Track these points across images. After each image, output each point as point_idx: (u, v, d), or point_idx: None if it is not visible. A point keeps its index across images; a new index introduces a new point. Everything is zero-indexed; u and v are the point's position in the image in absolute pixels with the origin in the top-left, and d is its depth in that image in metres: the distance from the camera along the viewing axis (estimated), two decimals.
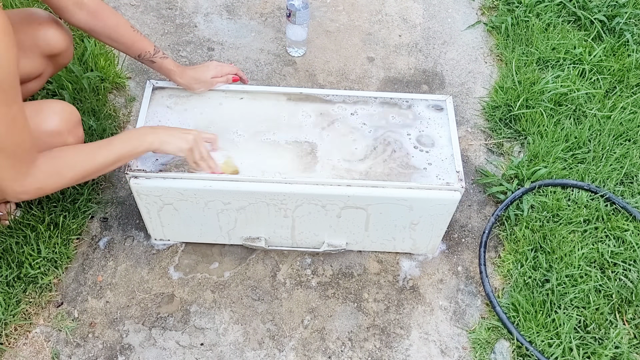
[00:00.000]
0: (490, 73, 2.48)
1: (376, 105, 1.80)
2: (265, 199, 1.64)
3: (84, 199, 1.90)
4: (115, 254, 1.87)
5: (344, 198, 1.63)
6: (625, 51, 2.47)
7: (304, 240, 1.84)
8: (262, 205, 1.67)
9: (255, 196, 1.63)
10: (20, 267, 1.73)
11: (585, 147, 2.15)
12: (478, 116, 2.33)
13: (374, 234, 1.80)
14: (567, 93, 2.28)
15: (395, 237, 1.82)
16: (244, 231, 1.80)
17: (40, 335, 1.69)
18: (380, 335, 1.76)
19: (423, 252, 1.91)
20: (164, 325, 1.74)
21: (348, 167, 1.65)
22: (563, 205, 1.98)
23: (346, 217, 1.72)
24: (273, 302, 1.81)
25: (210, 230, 1.80)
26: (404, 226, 1.76)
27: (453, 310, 1.82)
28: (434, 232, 1.80)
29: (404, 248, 1.89)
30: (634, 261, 1.86)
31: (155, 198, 1.65)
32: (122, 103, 2.24)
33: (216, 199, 1.64)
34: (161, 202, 1.66)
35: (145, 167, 1.61)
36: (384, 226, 1.76)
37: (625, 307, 1.78)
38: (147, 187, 1.61)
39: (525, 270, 1.84)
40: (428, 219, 1.72)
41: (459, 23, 2.68)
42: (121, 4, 2.59)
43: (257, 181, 1.61)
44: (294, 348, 1.72)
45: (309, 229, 1.78)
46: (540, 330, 1.72)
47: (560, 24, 2.57)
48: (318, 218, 1.72)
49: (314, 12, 2.65)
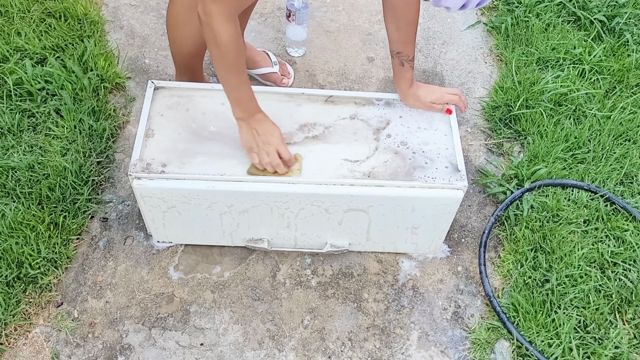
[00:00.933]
0: (490, 73, 2.48)
1: (381, 105, 1.80)
2: (269, 200, 1.64)
3: (84, 199, 1.90)
4: (115, 254, 1.87)
5: (347, 198, 1.63)
6: (625, 51, 2.47)
7: (307, 242, 1.84)
8: (265, 207, 1.67)
9: (259, 197, 1.63)
10: (20, 267, 1.73)
11: (585, 147, 2.15)
12: (478, 116, 2.33)
13: (376, 235, 1.80)
14: (567, 93, 2.28)
15: (398, 239, 1.82)
16: (246, 233, 1.79)
17: (40, 335, 1.69)
18: (380, 335, 1.76)
19: (425, 253, 1.91)
20: (164, 326, 1.74)
21: (351, 167, 1.65)
22: (563, 205, 1.98)
23: (349, 219, 1.72)
24: (273, 302, 1.81)
25: (213, 232, 1.80)
26: (406, 227, 1.76)
27: (453, 311, 1.82)
28: (437, 234, 1.80)
29: (406, 249, 1.89)
30: (633, 261, 1.86)
31: (158, 200, 1.64)
32: (122, 103, 2.24)
33: (219, 201, 1.64)
34: (164, 204, 1.66)
35: (148, 168, 1.61)
36: (386, 227, 1.76)
37: (625, 307, 1.78)
38: (150, 188, 1.60)
39: (525, 271, 1.84)
40: (430, 219, 1.72)
41: (459, 23, 2.68)
42: (121, 3, 2.59)
43: (260, 181, 1.60)
44: (294, 348, 1.72)
45: (312, 231, 1.78)
46: (540, 331, 1.72)
47: (560, 24, 2.57)
48: (321, 219, 1.72)
49: (314, 12, 2.65)
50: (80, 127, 2.07)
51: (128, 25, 2.52)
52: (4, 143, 1.99)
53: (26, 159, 1.94)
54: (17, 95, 2.11)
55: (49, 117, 2.08)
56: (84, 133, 2.06)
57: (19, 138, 2.01)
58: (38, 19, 2.36)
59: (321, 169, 1.65)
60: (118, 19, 2.54)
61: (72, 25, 2.37)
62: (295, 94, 1.81)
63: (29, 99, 2.11)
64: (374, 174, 1.64)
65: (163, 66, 2.38)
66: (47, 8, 2.40)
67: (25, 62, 2.17)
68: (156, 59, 2.41)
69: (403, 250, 1.90)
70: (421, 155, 1.69)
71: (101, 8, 2.56)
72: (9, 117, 2.03)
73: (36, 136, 2.04)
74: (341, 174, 1.63)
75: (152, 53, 2.42)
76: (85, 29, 2.37)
